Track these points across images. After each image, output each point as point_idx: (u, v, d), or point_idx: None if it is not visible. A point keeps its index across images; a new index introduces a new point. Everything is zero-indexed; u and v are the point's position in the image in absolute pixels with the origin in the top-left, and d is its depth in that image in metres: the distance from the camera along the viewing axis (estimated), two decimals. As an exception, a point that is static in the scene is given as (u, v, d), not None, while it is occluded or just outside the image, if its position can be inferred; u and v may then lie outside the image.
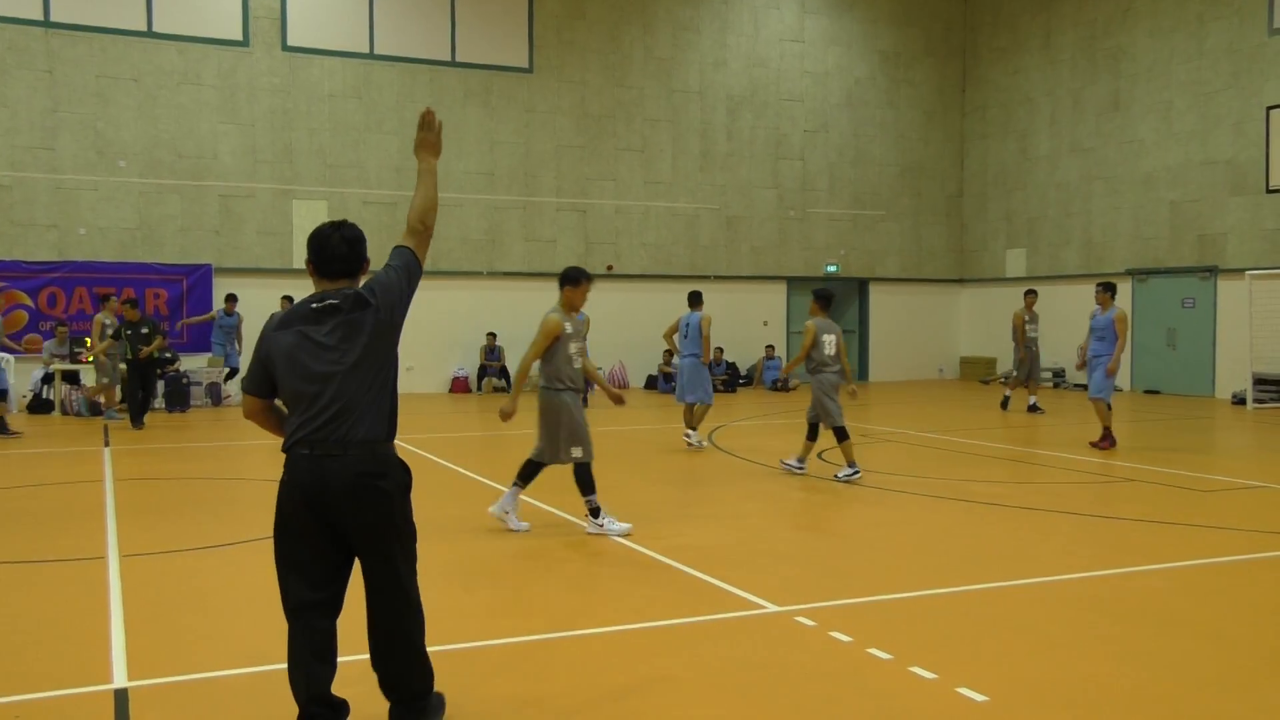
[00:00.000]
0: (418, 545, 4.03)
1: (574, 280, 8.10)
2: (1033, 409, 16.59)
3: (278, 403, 4.00)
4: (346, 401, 3.78)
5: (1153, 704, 4.38)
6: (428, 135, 4.15)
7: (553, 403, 7.86)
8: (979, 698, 4.39)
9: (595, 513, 7.76)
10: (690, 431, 12.93)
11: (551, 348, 7.89)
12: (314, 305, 3.88)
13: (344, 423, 3.77)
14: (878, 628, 5.39)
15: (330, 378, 3.79)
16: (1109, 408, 12.50)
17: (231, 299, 18.94)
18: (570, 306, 8.11)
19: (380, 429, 3.85)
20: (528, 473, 8.05)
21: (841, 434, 10.30)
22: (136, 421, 15.02)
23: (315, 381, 3.79)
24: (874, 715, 4.27)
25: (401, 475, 3.90)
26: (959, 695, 4.42)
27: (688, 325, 13.32)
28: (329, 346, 3.81)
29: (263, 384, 3.91)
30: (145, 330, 15.32)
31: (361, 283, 4.00)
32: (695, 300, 13.55)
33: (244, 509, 9.34)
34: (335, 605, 3.97)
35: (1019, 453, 12.32)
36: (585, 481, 7.83)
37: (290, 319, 3.88)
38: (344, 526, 3.80)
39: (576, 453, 7.79)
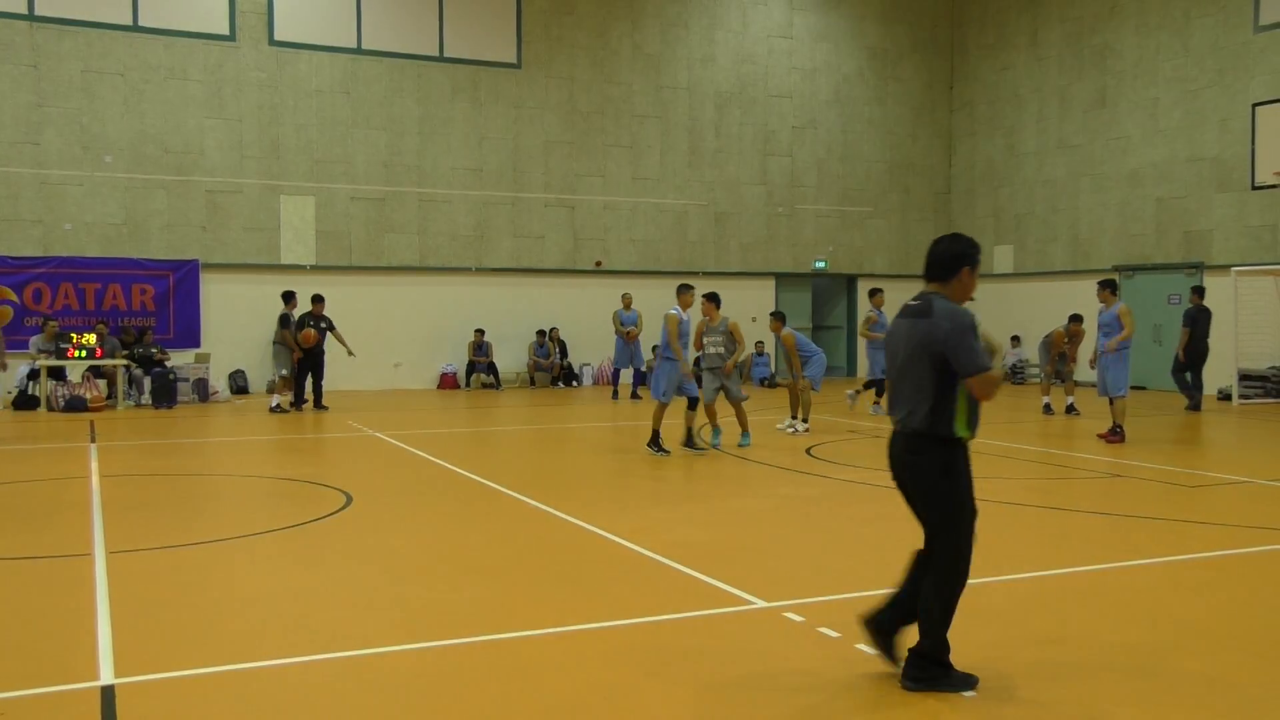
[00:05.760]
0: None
1: None
2: (1070, 410, 16.15)
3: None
4: (897, 387, 4.53)
5: (1140, 697, 4.40)
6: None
7: None
8: (967, 693, 4.41)
9: None
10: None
11: None
12: (909, 303, 4.61)
13: (896, 405, 4.55)
14: (866, 623, 5.40)
15: (895, 366, 4.57)
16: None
17: (875, 295, 16.77)
18: None
19: (918, 418, 4.42)
20: None
21: None
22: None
23: (889, 367, 4.64)
24: (862, 710, 4.29)
25: (932, 457, 4.44)
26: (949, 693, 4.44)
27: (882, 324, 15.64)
28: (899, 341, 4.54)
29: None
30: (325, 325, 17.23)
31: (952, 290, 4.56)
32: (876, 294, 16.43)
33: (231, 505, 9.32)
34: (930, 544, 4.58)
35: (1006, 449, 12.36)
36: None
37: (899, 312, 4.66)
38: None
39: None
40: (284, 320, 17.00)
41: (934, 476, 4.44)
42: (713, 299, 12.38)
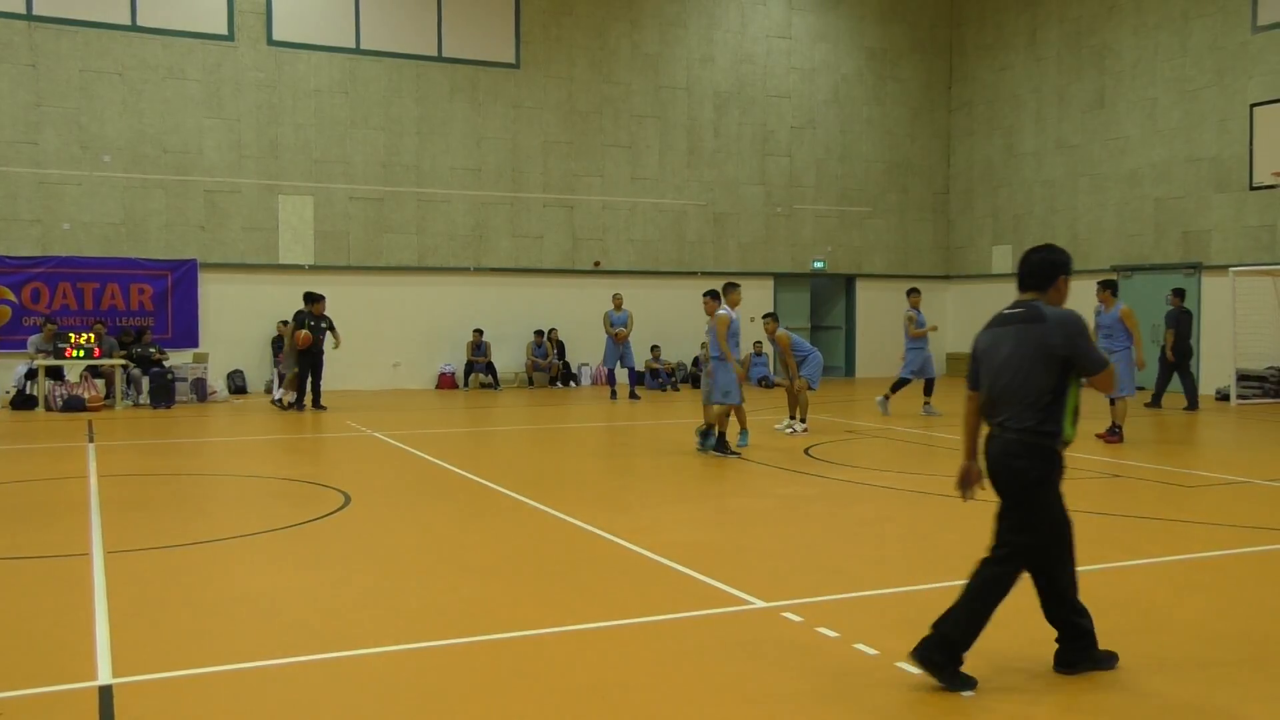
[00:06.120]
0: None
1: None
2: None
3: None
4: (1000, 392, 4.58)
5: (1136, 696, 4.41)
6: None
7: None
8: (965, 692, 4.41)
9: None
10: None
11: None
12: (1005, 311, 4.74)
13: (999, 409, 4.58)
14: (865, 623, 5.41)
15: (999, 372, 4.58)
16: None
17: (913, 294, 16.53)
18: None
19: (1027, 419, 4.49)
20: None
21: None
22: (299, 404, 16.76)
23: (990, 373, 4.64)
24: (860, 710, 4.28)
25: (1032, 462, 4.50)
26: (945, 690, 4.43)
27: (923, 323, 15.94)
28: (1000, 347, 4.60)
29: (971, 376, 4.81)
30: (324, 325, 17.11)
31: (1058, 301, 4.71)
32: (913, 293, 16.28)
33: (230, 505, 9.32)
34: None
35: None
36: None
37: (990, 322, 4.78)
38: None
39: None
40: (297, 318, 17.01)
41: (1030, 483, 4.52)
42: (713, 296, 12.32)
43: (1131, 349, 12.84)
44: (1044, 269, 4.71)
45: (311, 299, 17.15)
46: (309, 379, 17.01)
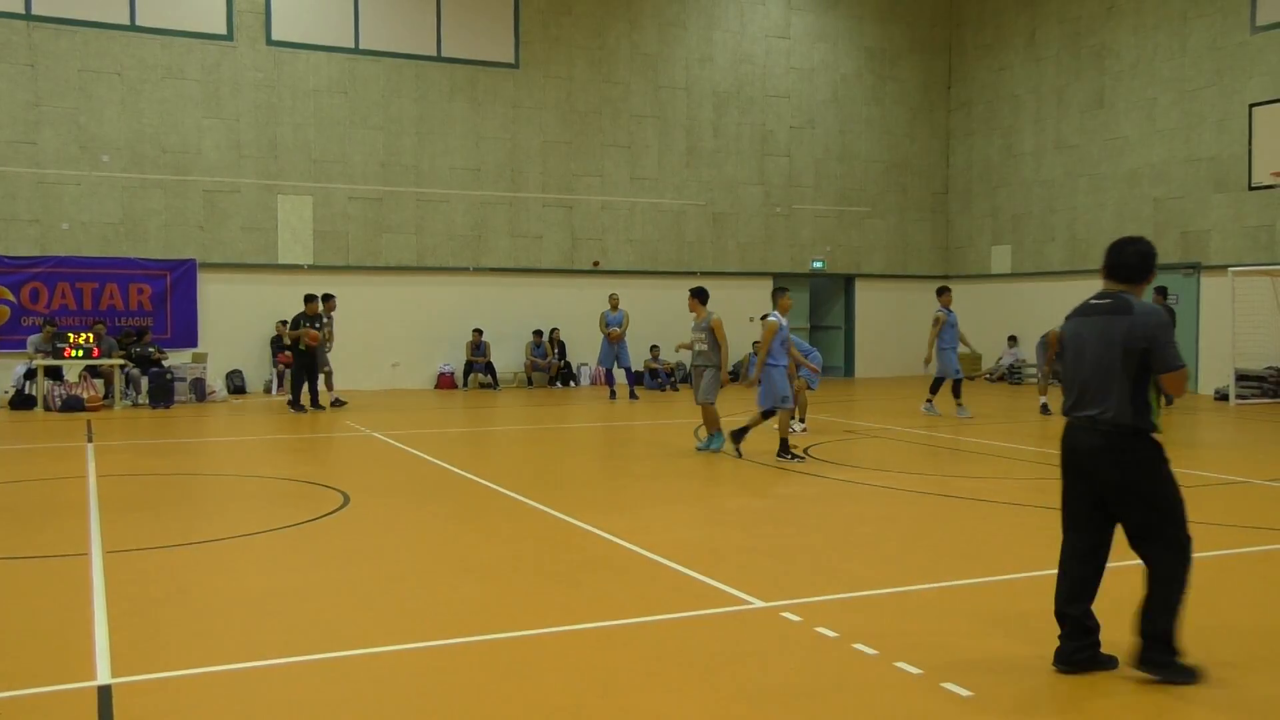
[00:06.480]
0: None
1: None
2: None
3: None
4: (1090, 384, 4.57)
5: (1136, 696, 4.41)
6: None
7: None
8: (964, 693, 4.41)
9: None
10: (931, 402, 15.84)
11: None
12: (1091, 301, 4.68)
13: (1090, 401, 4.57)
14: (864, 623, 5.40)
15: (1082, 363, 4.59)
16: None
17: (944, 294, 16.03)
18: None
19: (1122, 413, 4.48)
20: None
21: None
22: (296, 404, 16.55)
23: (1072, 363, 4.64)
24: (859, 710, 4.28)
25: (1142, 453, 4.50)
26: (944, 690, 4.44)
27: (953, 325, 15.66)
28: (1083, 338, 4.59)
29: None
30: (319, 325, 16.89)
31: (1145, 293, 4.70)
32: (943, 292, 16.06)
33: (228, 505, 9.31)
34: (1096, 547, 4.74)
35: (1003, 449, 12.37)
36: None
37: (1075, 310, 4.74)
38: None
39: None
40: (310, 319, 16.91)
41: (1147, 472, 4.52)
42: (697, 294, 12.25)
43: None
44: (1141, 261, 4.66)
45: (310, 299, 17.12)
46: (306, 379, 16.96)
